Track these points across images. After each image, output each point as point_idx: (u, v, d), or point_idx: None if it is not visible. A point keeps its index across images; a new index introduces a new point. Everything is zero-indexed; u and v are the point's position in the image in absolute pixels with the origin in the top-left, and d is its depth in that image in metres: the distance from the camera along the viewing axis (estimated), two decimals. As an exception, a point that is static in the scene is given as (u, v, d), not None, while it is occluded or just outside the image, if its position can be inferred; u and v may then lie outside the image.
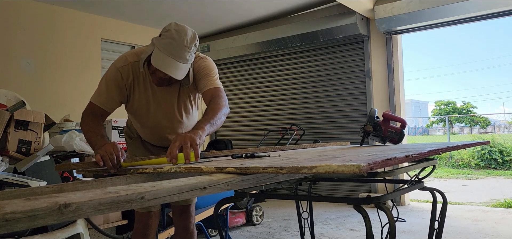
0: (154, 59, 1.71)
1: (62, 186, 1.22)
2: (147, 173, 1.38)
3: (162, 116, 1.98)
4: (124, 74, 1.86)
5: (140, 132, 2.12)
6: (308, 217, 2.63)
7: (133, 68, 1.87)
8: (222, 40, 6.48)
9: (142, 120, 2.01)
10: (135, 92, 1.91)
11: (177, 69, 1.70)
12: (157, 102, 1.94)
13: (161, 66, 1.69)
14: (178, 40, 1.69)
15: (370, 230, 1.33)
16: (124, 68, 1.86)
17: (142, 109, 1.95)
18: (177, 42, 1.69)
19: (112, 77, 1.86)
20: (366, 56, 5.52)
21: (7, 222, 0.63)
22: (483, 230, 4.05)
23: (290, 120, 6.11)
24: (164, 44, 1.69)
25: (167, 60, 1.68)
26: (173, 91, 1.96)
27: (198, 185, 1.02)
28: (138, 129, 2.11)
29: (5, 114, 2.77)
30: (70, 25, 5.21)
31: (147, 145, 2.14)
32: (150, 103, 1.94)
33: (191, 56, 1.76)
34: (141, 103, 1.94)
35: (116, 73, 1.85)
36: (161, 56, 1.69)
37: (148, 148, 2.13)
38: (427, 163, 2.02)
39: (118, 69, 1.86)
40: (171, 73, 1.70)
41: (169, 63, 1.69)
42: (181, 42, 1.69)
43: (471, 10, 4.61)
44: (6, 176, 2.46)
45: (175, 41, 1.69)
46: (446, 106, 34.13)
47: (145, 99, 1.93)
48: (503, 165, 10.47)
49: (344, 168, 1.00)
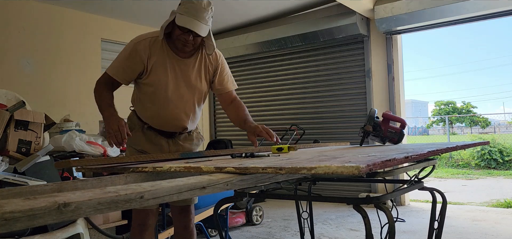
0: (179, 20, 1.88)
1: (61, 185, 1.22)
2: (146, 172, 1.38)
3: (177, 97, 2.06)
4: (141, 48, 1.99)
5: (146, 113, 2.11)
6: (308, 217, 2.63)
7: (150, 43, 2.00)
8: (222, 40, 6.48)
9: (155, 95, 2.06)
10: (153, 65, 2.01)
11: (200, 27, 1.89)
12: (176, 80, 2.04)
13: (186, 24, 1.87)
14: (197, 4, 1.90)
15: (369, 230, 1.33)
16: (141, 43, 2.00)
17: (160, 83, 2.03)
18: (196, 5, 1.89)
19: (129, 50, 2.00)
20: (366, 56, 5.52)
21: (6, 222, 0.63)
22: (483, 230, 4.05)
23: (290, 119, 6.10)
24: (186, 9, 1.89)
25: (190, 20, 1.88)
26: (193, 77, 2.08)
27: (197, 185, 1.02)
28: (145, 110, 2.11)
29: (5, 114, 2.77)
30: (70, 25, 5.21)
31: (148, 133, 2.12)
32: (168, 80, 2.03)
33: (210, 18, 1.95)
34: (159, 77, 2.02)
35: (133, 47, 2.00)
36: (184, 18, 1.88)
37: (148, 137, 2.12)
38: (426, 163, 2.02)
39: (135, 43, 2.00)
40: (195, 29, 1.88)
41: (192, 22, 1.88)
42: (200, 5, 1.90)
43: (471, 10, 4.61)
44: (6, 176, 2.46)
45: (194, 4, 1.89)
46: (446, 106, 34.15)
47: (168, 72, 2.02)
48: (503, 165, 10.47)
49: (343, 169, 1.00)
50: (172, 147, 2.15)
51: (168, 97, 2.05)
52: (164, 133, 2.12)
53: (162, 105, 2.06)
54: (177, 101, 2.07)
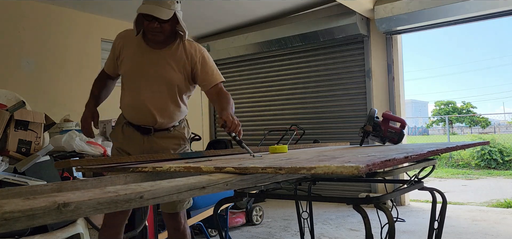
0: (140, 9, 1.95)
1: (61, 185, 1.22)
2: (146, 172, 1.38)
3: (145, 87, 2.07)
4: (118, 40, 2.15)
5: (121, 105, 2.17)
6: (308, 217, 2.64)
7: (126, 34, 2.14)
8: (222, 40, 6.48)
9: (126, 85, 2.13)
10: (126, 54, 2.10)
11: (161, 12, 1.93)
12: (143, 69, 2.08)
13: (145, 10, 1.93)
14: None
15: (369, 230, 1.33)
16: (120, 35, 2.16)
17: (128, 73, 2.11)
18: None
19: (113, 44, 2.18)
20: (366, 56, 5.52)
21: (6, 221, 0.63)
22: (483, 230, 4.05)
23: (290, 119, 6.11)
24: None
25: (151, 6, 1.94)
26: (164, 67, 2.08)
27: (197, 185, 1.02)
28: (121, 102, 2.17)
29: (5, 114, 2.77)
30: (70, 25, 5.21)
31: (126, 129, 2.15)
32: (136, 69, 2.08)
33: (173, 3, 1.97)
34: (128, 67, 2.10)
35: (114, 40, 2.17)
36: (145, 5, 1.95)
37: (126, 132, 2.14)
38: (426, 163, 2.02)
39: (116, 37, 2.17)
40: (156, 13, 1.92)
41: (152, 7, 1.93)
42: None
43: (471, 10, 4.61)
44: (6, 176, 2.46)
45: None
46: (446, 106, 34.16)
47: (136, 62, 2.08)
48: (503, 165, 10.47)
49: (343, 169, 1.00)
50: (146, 144, 2.12)
51: (137, 87, 2.07)
52: (140, 128, 2.11)
53: (132, 95, 2.09)
54: (145, 91, 2.06)
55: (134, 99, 2.09)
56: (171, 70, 2.07)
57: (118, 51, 2.14)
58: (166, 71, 2.06)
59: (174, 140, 2.18)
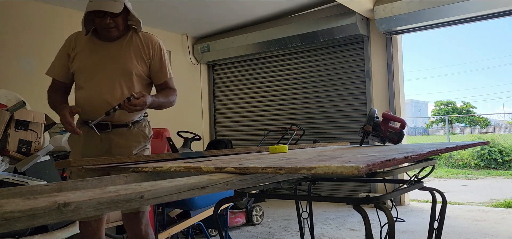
0: (88, 6, 1.95)
1: (61, 184, 1.22)
2: (146, 172, 1.39)
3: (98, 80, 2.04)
4: (67, 42, 2.13)
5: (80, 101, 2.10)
6: (308, 217, 2.64)
7: (76, 36, 2.13)
8: (222, 40, 6.48)
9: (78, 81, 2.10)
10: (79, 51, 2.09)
11: (111, 5, 1.92)
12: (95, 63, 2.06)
13: (94, 6, 1.93)
14: None
15: (369, 230, 1.33)
16: (69, 38, 2.15)
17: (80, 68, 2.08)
18: None
19: (61, 48, 2.16)
20: (366, 56, 5.52)
21: (6, 221, 0.64)
22: (483, 230, 4.05)
23: (290, 119, 6.11)
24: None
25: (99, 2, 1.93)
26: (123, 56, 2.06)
27: (197, 185, 1.02)
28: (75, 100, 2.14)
29: (5, 114, 2.77)
30: (70, 25, 5.19)
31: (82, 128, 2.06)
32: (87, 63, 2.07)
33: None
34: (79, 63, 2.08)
35: (63, 44, 2.16)
36: (93, 2, 1.95)
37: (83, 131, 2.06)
38: (426, 163, 2.02)
39: (65, 40, 2.15)
40: (106, 7, 1.91)
41: (101, 3, 1.93)
42: None
43: (471, 10, 4.61)
44: (6, 176, 2.46)
45: None
46: (445, 106, 34.13)
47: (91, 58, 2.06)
48: (503, 165, 10.47)
49: (343, 169, 1.00)
50: (104, 142, 2.06)
51: (92, 81, 2.04)
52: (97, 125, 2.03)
53: (87, 90, 2.05)
54: (101, 84, 2.03)
55: (90, 93, 2.04)
56: (128, 60, 2.06)
57: (69, 52, 2.11)
58: (123, 61, 2.05)
59: (134, 137, 2.11)
